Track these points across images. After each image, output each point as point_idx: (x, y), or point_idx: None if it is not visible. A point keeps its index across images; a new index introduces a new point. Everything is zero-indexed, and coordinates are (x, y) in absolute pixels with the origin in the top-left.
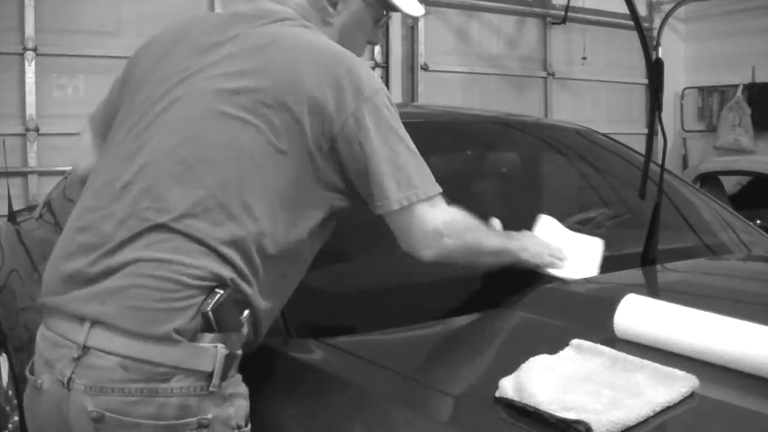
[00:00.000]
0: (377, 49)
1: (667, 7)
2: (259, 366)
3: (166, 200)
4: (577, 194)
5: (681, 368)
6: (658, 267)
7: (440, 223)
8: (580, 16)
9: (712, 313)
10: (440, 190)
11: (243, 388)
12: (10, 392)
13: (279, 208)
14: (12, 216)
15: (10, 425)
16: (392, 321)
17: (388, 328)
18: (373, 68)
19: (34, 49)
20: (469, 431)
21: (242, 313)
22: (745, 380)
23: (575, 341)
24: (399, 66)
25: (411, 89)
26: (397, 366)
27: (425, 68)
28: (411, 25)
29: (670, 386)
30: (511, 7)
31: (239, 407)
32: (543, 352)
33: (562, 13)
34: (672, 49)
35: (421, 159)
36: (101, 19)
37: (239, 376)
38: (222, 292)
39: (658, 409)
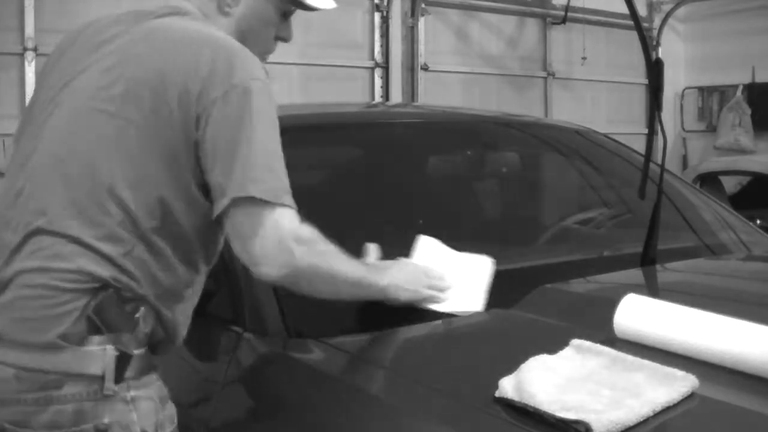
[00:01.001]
0: (377, 48)
1: (667, 7)
2: (259, 366)
3: (45, 203)
4: (577, 194)
5: (681, 368)
6: (658, 267)
7: (291, 239)
8: (580, 16)
9: (712, 313)
10: (295, 207)
11: (151, 392)
12: None
13: (155, 200)
14: None
15: None
16: (392, 321)
17: (388, 328)
18: (373, 68)
19: (34, 49)
20: (469, 431)
21: (136, 311)
22: (745, 380)
23: (575, 341)
24: (399, 66)
25: (411, 89)
26: (396, 366)
27: (425, 68)
28: (411, 25)
29: (670, 386)
30: (511, 7)
31: (146, 411)
32: (543, 352)
33: (562, 13)
34: (672, 49)
35: (283, 167)
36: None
37: (151, 378)
38: (104, 293)
39: (658, 409)
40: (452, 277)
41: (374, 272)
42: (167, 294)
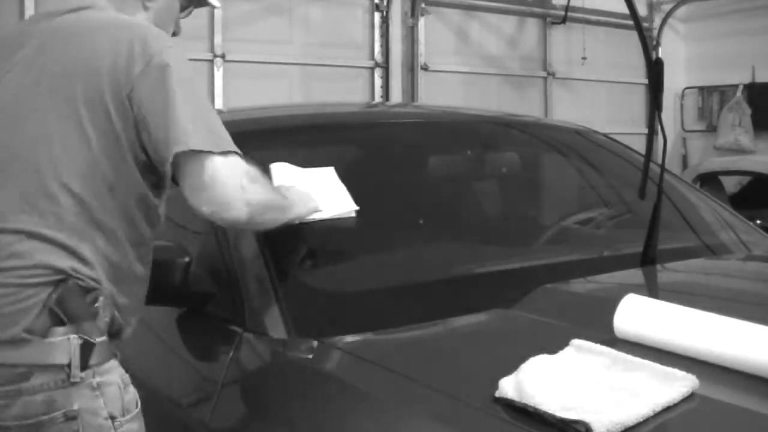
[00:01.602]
0: (377, 48)
1: (667, 7)
2: (259, 366)
3: None
4: (577, 194)
5: (681, 368)
6: (658, 267)
7: (245, 179)
8: (580, 16)
9: (712, 313)
10: (239, 151)
11: (114, 377)
12: None
13: (100, 183)
14: None
15: None
16: (392, 321)
17: (388, 328)
18: (373, 68)
19: None
20: (469, 431)
21: (96, 300)
22: (745, 380)
23: (575, 341)
24: (399, 66)
25: (411, 89)
26: (397, 366)
27: (425, 68)
28: (411, 25)
29: (670, 386)
30: (511, 7)
31: (112, 397)
32: (543, 352)
33: (562, 13)
34: (672, 49)
35: (217, 119)
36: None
37: (112, 364)
38: (63, 284)
39: (658, 409)
40: (315, 188)
41: (285, 197)
42: (121, 277)
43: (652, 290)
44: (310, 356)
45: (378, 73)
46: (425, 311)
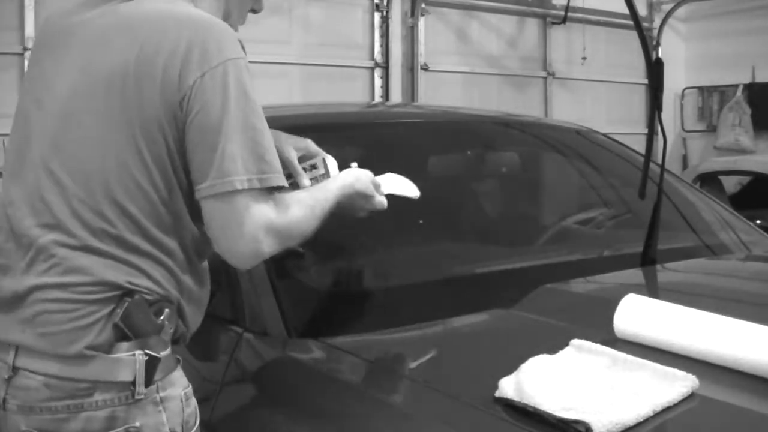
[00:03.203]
0: (377, 48)
1: (667, 7)
2: (259, 366)
3: (46, 216)
4: (577, 194)
5: (681, 368)
6: (658, 267)
7: (266, 226)
8: (580, 16)
9: (712, 313)
10: (287, 183)
11: (178, 390)
12: None
13: (152, 192)
14: None
15: None
16: (392, 321)
17: (388, 328)
18: (373, 68)
19: None
20: (469, 431)
21: (161, 313)
22: (745, 380)
23: (575, 341)
24: (399, 66)
25: (411, 89)
26: (397, 366)
27: (425, 68)
28: (411, 25)
29: (670, 386)
30: (511, 7)
31: (174, 411)
32: (543, 352)
33: (562, 13)
34: (672, 49)
35: (268, 142)
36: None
37: (176, 376)
38: (129, 299)
39: (658, 409)
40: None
41: (324, 193)
42: (185, 287)
43: (652, 290)
44: (310, 356)
45: (378, 73)
46: (425, 311)
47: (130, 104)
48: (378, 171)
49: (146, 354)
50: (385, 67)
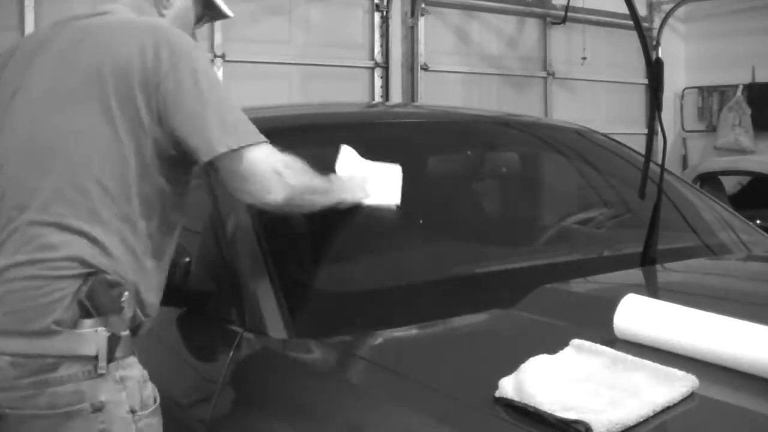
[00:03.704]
0: (377, 48)
1: (667, 7)
2: (259, 366)
3: (20, 198)
4: (577, 194)
5: (681, 368)
6: (658, 267)
7: (279, 165)
8: (580, 16)
9: (712, 313)
10: (267, 140)
11: (136, 372)
12: None
13: (128, 178)
14: None
15: None
16: (392, 321)
17: (388, 328)
18: (373, 68)
19: None
20: (469, 431)
21: (121, 295)
22: (745, 380)
23: (575, 341)
24: (399, 66)
25: (411, 89)
26: (397, 366)
27: (425, 68)
28: (411, 25)
29: (670, 386)
30: (511, 7)
31: (132, 391)
32: (543, 352)
33: (562, 13)
34: (672, 49)
35: (241, 113)
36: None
37: (133, 360)
38: (94, 278)
39: (658, 409)
40: (373, 180)
41: (333, 182)
42: (144, 273)
43: (652, 290)
44: (310, 356)
45: (378, 73)
46: (425, 311)
47: (108, 94)
48: None
49: (108, 331)
50: (385, 67)
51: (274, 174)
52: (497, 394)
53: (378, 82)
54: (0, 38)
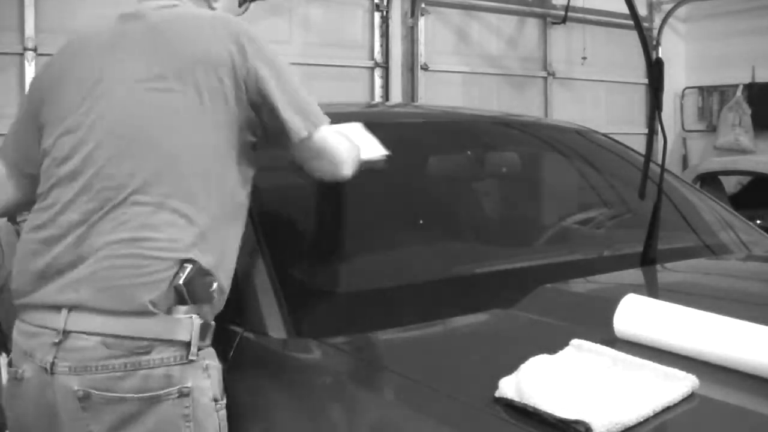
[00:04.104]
0: (377, 48)
1: (667, 7)
2: (259, 366)
3: (118, 178)
4: (577, 194)
5: (681, 368)
6: (658, 267)
7: (343, 139)
8: (580, 16)
9: (712, 313)
10: (329, 119)
11: (217, 362)
12: None
13: (218, 165)
14: (12, 216)
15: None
16: (392, 321)
17: (388, 328)
18: (373, 68)
19: (34, 49)
20: (469, 431)
21: (212, 285)
22: (745, 380)
23: (575, 341)
24: (399, 66)
25: (411, 89)
26: (396, 366)
27: (425, 68)
28: (411, 25)
29: (670, 386)
30: (511, 7)
31: (215, 379)
32: (543, 352)
33: (562, 13)
34: (672, 49)
35: (311, 97)
36: (101, 19)
37: (213, 350)
38: (191, 266)
39: (658, 409)
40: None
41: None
42: (224, 267)
43: (652, 290)
44: (310, 356)
45: (378, 73)
46: (425, 311)
47: (200, 85)
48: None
49: (201, 319)
50: (385, 67)
51: (345, 150)
52: (497, 394)
53: (378, 82)
54: (0, 38)
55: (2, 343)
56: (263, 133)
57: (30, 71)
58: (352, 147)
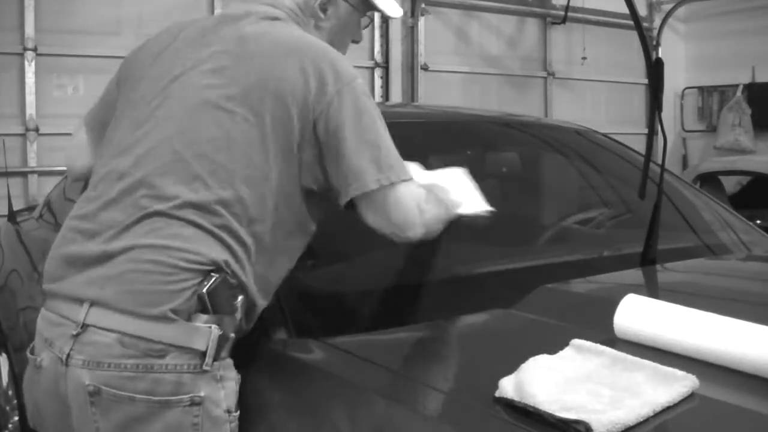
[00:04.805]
0: (377, 48)
1: (667, 7)
2: (259, 366)
3: (161, 189)
4: (577, 194)
5: (681, 368)
6: (658, 267)
7: (422, 200)
8: (580, 16)
9: (712, 313)
10: (412, 177)
11: (234, 374)
12: (10, 392)
13: (267, 196)
14: (12, 216)
15: (9, 425)
16: (392, 321)
17: (388, 328)
18: (373, 68)
19: (34, 49)
20: (469, 431)
21: (236, 298)
22: (745, 380)
23: (575, 341)
24: (399, 66)
25: (411, 89)
26: (397, 366)
27: (425, 68)
28: (411, 25)
29: (670, 386)
30: (511, 7)
31: (230, 391)
32: (543, 352)
33: (562, 13)
34: (672, 49)
35: (395, 148)
36: (101, 19)
37: (231, 361)
38: (217, 275)
39: (658, 409)
40: (452, 190)
41: (448, 202)
42: (259, 284)
43: (652, 290)
44: (310, 356)
45: (378, 73)
46: (425, 311)
47: (264, 111)
48: None
49: (220, 330)
50: (385, 67)
51: (416, 209)
52: (497, 394)
53: (378, 82)
54: (0, 38)
55: (1, 342)
56: (324, 178)
57: (30, 71)
58: (429, 207)
